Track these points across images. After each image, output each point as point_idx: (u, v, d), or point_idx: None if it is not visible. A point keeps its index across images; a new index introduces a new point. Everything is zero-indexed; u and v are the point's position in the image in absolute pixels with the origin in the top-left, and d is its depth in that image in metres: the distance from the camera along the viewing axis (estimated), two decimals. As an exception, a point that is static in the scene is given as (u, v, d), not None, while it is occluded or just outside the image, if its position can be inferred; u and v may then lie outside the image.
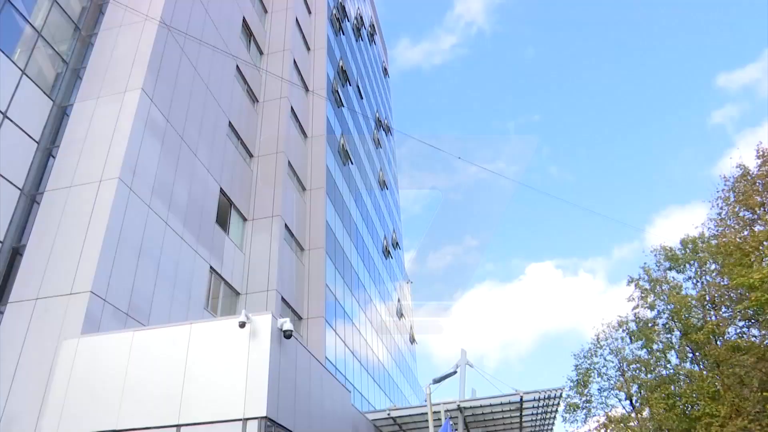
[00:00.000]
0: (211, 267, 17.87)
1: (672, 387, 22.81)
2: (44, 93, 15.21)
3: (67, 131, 15.13)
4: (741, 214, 18.58)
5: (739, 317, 19.43)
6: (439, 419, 13.85)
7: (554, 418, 20.75)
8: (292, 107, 25.10)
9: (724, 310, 21.48)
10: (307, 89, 28.29)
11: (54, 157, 14.79)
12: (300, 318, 22.32)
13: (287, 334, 11.32)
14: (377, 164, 42.80)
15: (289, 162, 23.64)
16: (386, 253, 40.64)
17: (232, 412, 10.06)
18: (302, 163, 25.89)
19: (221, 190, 19.50)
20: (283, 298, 20.70)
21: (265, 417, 9.97)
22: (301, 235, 24.14)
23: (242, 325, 10.69)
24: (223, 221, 19.62)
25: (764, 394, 15.22)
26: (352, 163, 32.72)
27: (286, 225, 22.23)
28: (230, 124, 21.16)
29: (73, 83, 16.25)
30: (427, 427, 12.39)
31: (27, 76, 14.52)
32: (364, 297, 31.54)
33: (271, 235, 21.19)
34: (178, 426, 10.16)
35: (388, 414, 19.10)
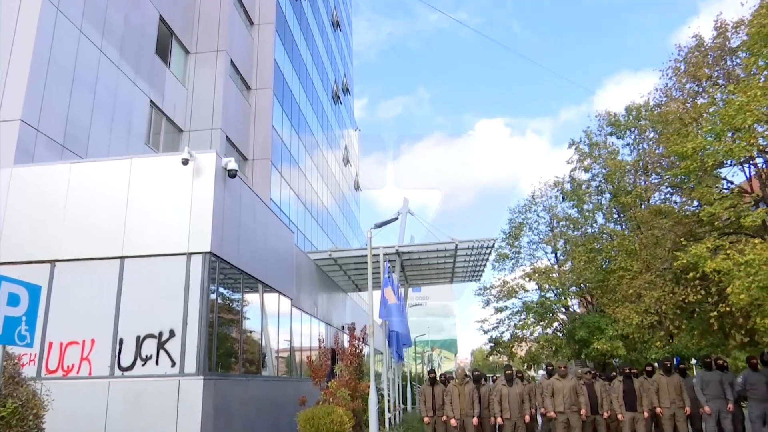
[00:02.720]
0: (151, 101, 17.06)
1: (595, 244, 24.66)
2: None
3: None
4: (687, 86, 18.88)
5: (666, 184, 20.63)
6: (378, 262, 14.59)
7: (485, 265, 22.22)
8: (240, -73, 22.64)
9: (654, 177, 22.67)
10: None
11: (-35, -37, 13.05)
12: (245, 159, 22.13)
13: (231, 174, 11.24)
14: (331, 2, 40.22)
15: (236, -9, 21.85)
16: (336, 99, 39.77)
17: (177, 247, 10.24)
18: (250, -7, 23.98)
19: (161, 17, 18.00)
20: (228, 138, 20.29)
21: (210, 252, 10.22)
22: (248, 73, 23.09)
23: (185, 162, 10.50)
24: (163, 52, 18.39)
25: (673, 253, 16.65)
26: (304, -1, 30.59)
27: (231, 61, 21.12)
28: (170, -59, 19.01)
29: None
30: (366, 268, 13.07)
31: None
32: (311, 141, 31.33)
33: (216, 71, 20.18)
34: (121, 258, 10.32)
35: (330, 255, 19.90)
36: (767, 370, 11.31)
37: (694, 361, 21.15)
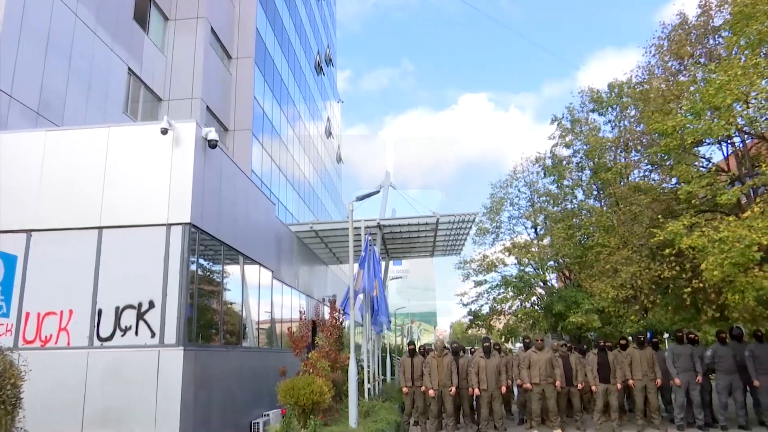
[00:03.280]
0: (129, 68, 16.68)
1: (574, 220, 24.92)
2: None
3: None
4: (669, 64, 18.92)
5: (646, 161, 20.80)
6: (359, 235, 14.61)
7: (465, 239, 22.36)
8: None
9: (634, 154, 22.85)
10: None
11: None
12: (226, 129, 21.85)
13: (212, 144, 11.09)
14: (315, -30, 39.43)
15: (216, -44, 21.29)
16: (318, 70, 39.26)
17: (156, 217, 10.13)
18: (232, -41, 23.38)
19: (139, -19, 17.52)
20: (208, 108, 19.99)
21: (190, 223, 10.13)
22: (229, 41, 22.65)
23: (164, 131, 10.32)
24: (141, 18, 17.93)
25: (650, 229, 16.88)
26: (287, -34, 29.92)
27: (212, 29, 20.68)
28: None
29: None
30: (347, 240, 13.08)
31: None
32: (293, 112, 30.99)
33: (196, 39, 19.76)
34: (99, 228, 10.19)
35: (311, 227, 19.84)
36: (735, 344, 11.68)
37: (666, 335, 21.67)
